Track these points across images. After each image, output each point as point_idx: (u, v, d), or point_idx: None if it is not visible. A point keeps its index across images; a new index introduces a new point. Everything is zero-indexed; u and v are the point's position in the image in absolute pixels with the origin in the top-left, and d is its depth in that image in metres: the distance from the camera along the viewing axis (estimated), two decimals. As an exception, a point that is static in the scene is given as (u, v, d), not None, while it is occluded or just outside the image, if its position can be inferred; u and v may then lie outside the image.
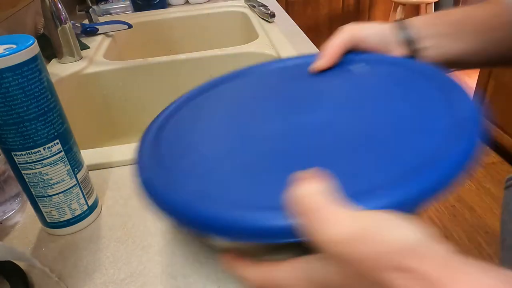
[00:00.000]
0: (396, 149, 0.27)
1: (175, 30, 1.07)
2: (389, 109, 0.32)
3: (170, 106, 0.42)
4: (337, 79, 0.39)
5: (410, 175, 0.23)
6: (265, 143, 0.32)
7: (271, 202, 0.24)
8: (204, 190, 0.27)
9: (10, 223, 0.42)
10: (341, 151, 0.28)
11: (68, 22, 0.76)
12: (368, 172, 0.25)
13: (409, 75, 0.35)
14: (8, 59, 0.30)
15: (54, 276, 0.34)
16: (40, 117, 0.33)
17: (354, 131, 0.30)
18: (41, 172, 0.35)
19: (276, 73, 0.44)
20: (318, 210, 0.21)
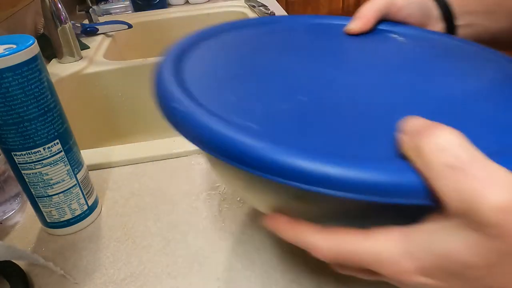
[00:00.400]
0: (491, 110, 0.23)
1: (175, 30, 1.07)
2: (455, 80, 0.27)
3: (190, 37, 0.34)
4: (380, 44, 0.35)
5: None
6: (324, 92, 0.26)
7: (376, 153, 0.19)
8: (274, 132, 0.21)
9: (10, 223, 0.42)
10: (433, 111, 0.23)
11: (68, 22, 0.76)
12: (479, 132, 0.20)
13: (461, 51, 0.33)
14: (8, 59, 0.30)
15: (59, 270, 0.34)
16: (40, 117, 0.33)
17: (431, 96, 0.25)
18: (41, 172, 0.35)
19: (311, 29, 0.38)
20: (470, 164, 0.16)
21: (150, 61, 0.78)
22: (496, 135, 0.20)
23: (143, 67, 0.78)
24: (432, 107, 0.24)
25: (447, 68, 0.30)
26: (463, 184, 0.15)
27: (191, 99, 0.23)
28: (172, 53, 0.30)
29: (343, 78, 0.28)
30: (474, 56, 0.32)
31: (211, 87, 0.25)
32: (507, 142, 0.20)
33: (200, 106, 0.22)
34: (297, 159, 0.18)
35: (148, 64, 0.78)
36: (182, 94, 0.23)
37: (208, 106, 0.22)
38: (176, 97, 0.23)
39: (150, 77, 0.27)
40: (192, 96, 0.23)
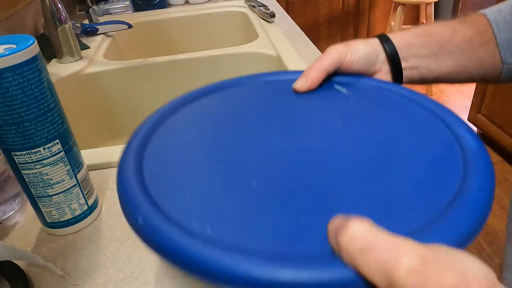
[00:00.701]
0: (416, 181, 0.25)
1: (175, 30, 1.07)
2: (391, 136, 0.30)
3: (145, 122, 0.34)
4: (327, 101, 0.36)
5: (451, 210, 0.22)
6: (266, 172, 0.27)
7: (311, 248, 0.20)
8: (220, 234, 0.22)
9: (10, 223, 0.42)
10: (359, 185, 0.25)
11: (68, 22, 0.76)
12: (400, 209, 0.23)
13: (401, 100, 0.35)
14: (8, 59, 0.30)
15: (58, 270, 0.34)
16: (40, 117, 0.33)
17: (361, 159, 0.28)
18: (41, 172, 0.35)
19: (261, 89, 0.40)
20: (377, 243, 0.18)
21: (150, 61, 0.78)
22: (415, 212, 0.23)
23: (143, 67, 0.78)
24: (370, 183, 0.25)
25: (385, 125, 0.32)
26: (378, 261, 0.17)
27: (149, 204, 0.24)
28: (133, 144, 0.31)
29: (292, 147, 0.30)
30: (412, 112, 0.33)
31: (169, 183, 0.27)
32: (422, 223, 0.22)
33: (157, 211, 0.23)
34: (251, 268, 0.19)
35: (148, 64, 0.78)
36: (142, 200, 0.24)
37: (166, 209, 0.24)
38: (137, 206, 0.24)
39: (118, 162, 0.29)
40: (151, 198, 0.24)
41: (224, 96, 0.39)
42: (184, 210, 0.24)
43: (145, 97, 0.81)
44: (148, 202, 0.24)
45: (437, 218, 0.21)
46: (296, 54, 0.73)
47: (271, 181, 0.26)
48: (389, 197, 0.24)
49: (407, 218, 0.22)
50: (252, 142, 0.30)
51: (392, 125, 0.31)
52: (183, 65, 0.79)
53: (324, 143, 0.30)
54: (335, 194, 0.24)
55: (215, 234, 0.22)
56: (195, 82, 0.80)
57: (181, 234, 0.21)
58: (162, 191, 0.25)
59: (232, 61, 0.78)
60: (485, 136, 1.84)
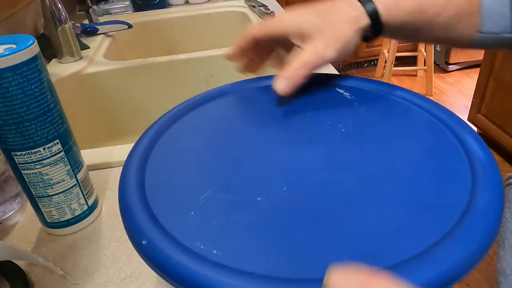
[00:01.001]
0: (422, 198, 0.24)
1: (175, 30, 1.07)
2: (396, 148, 0.29)
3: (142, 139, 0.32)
4: (329, 106, 0.35)
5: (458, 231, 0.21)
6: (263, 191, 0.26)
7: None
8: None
9: (10, 223, 0.42)
10: (364, 203, 0.24)
11: (68, 22, 0.76)
12: (407, 228, 0.22)
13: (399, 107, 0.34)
14: (8, 59, 0.30)
15: (58, 270, 0.34)
16: (40, 117, 0.33)
17: (365, 173, 0.26)
18: (41, 172, 0.35)
19: (262, 94, 0.38)
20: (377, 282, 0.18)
21: (150, 61, 0.78)
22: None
23: (143, 67, 0.78)
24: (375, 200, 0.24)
25: (389, 134, 0.31)
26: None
27: (154, 225, 0.23)
28: (133, 159, 0.30)
29: (297, 160, 0.28)
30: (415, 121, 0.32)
31: (171, 200, 0.26)
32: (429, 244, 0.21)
33: (161, 233, 0.23)
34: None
35: (148, 64, 0.78)
36: (146, 221, 0.23)
37: (170, 229, 0.23)
38: (141, 229, 0.23)
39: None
40: (154, 218, 0.24)
41: (223, 104, 0.37)
42: (188, 231, 0.23)
43: (145, 97, 0.81)
44: (152, 223, 0.23)
45: (444, 239, 0.21)
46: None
47: (276, 199, 0.25)
48: (395, 216, 0.23)
49: (414, 239, 0.21)
50: (254, 155, 0.29)
51: (397, 135, 0.30)
52: (183, 65, 0.79)
53: (327, 155, 0.29)
54: (340, 214, 0.24)
55: (221, 256, 0.21)
56: (195, 82, 0.80)
57: (188, 258, 0.21)
58: (165, 209, 0.25)
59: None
60: (485, 136, 1.84)
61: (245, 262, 0.21)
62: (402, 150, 0.29)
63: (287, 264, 0.21)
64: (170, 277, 0.21)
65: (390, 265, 0.20)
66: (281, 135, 0.31)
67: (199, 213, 0.24)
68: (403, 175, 0.26)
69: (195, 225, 0.23)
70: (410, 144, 0.29)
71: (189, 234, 0.23)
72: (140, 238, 0.22)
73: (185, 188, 0.26)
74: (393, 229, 0.22)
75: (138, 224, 0.23)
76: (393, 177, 0.26)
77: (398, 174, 0.26)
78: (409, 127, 0.31)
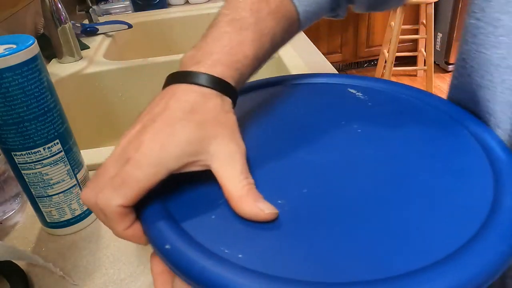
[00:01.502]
0: (444, 201, 0.24)
1: (175, 30, 1.07)
2: (414, 149, 0.28)
3: None
4: (343, 107, 0.34)
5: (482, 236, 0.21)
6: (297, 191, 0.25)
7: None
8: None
9: (10, 223, 0.42)
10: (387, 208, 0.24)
11: (68, 22, 0.76)
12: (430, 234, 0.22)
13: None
14: (8, 59, 0.30)
15: (58, 271, 0.34)
16: (40, 117, 0.33)
17: (386, 177, 0.26)
18: (41, 172, 0.35)
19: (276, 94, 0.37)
20: None
21: (150, 61, 0.78)
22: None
23: (143, 67, 0.78)
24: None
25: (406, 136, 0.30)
26: None
27: (176, 229, 0.23)
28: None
29: (316, 162, 0.28)
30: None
31: (192, 206, 0.25)
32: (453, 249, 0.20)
33: (185, 237, 0.22)
34: None
35: (148, 64, 0.78)
36: (167, 226, 0.23)
37: (192, 234, 0.22)
38: (164, 234, 0.23)
39: None
40: (176, 223, 0.23)
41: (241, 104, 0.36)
42: (211, 235, 0.22)
43: (145, 97, 0.81)
44: (174, 227, 0.23)
45: (468, 244, 0.20)
46: (296, 54, 0.73)
47: (297, 201, 0.24)
48: (420, 217, 0.23)
49: (442, 240, 0.21)
50: (271, 158, 0.28)
51: (413, 135, 0.30)
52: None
53: (345, 156, 0.28)
54: (363, 216, 0.23)
55: (247, 260, 0.21)
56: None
57: (214, 262, 0.20)
58: (186, 213, 0.24)
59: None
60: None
61: (271, 266, 0.20)
62: (420, 150, 0.28)
63: (313, 267, 0.20)
64: (197, 282, 0.20)
65: (418, 268, 0.19)
66: (296, 138, 0.31)
67: (221, 217, 0.24)
68: (423, 176, 0.26)
69: (217, 229, 0.23)
70: (427, 144, 0.29)
71: (212, 238, 0.22)
72: (163, 243, 0.22)
73: (204, 191, 0.26)
74: (419, 231, 0.22)
75: (160, 228, 0.23)
76: (412, 178, 0.25)
77: (417, 174, 0.26)
78: (425, 127, 0.31)
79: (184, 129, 0.24)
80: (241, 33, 0.29)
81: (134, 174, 0.23)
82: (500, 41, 0.27)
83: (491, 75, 0.29)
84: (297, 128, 0.32)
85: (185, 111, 0.24)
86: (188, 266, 0.21)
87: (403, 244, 0.21)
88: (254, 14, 0.30)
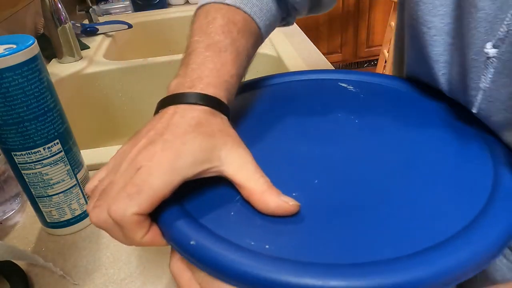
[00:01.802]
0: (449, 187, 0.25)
1: (175, 30, 1.07)
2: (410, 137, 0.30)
3: None
4: (338, 101, 0.35)
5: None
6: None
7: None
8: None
9: (10, 223, 0.42)
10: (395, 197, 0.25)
11: (68, 22, 0.76)
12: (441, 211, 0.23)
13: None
14: (8, 59, 0.30)
15: (58, 270, 0.34)
16: (40, 117, 0.33)
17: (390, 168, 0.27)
18: (41, 172, 0.35)
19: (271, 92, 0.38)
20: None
21: (150, 61, 0.78)
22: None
23: (143, 67, 0.78)
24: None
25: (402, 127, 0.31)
26: None
27: (198, 226, 0.23)
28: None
29: (323, 156, 0.28)
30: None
31: (210, 204, 0.25)
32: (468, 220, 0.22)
33: (208, 233, 0.22)
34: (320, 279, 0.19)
35: (148, 64, 0.78)
36: (188, 224, 0.23)
37: (215, 230, 0.22)
38: (185, 231, 0.23)
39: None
40: (195, 221, 0.23)
41: (242, 101, 0.37)
42: (234, 229, 0.23)
43: (145, 97, 0.81)
44: (195, 224, 0.23)
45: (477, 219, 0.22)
46: (296, 54, 0.73)
47: (311, 192, 0.25)
48: (426, 200, 0.24)
49: (449, 221, 0.22)
50: (278, 153, 0.29)
51: (410, 124, 0.31)
52: (179, 65, 0.79)
53: (348, 147, 0.29)
54: (373, 203, 0.24)
55: (275, 250, 0.21)
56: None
57: (243, 254, 0.21)
58: (204, 211, 0.24)
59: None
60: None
61: (299, 253, 0.21)
62: (417, 137, 0.29)
63: (337, 251, 0.21)
64: (227, 275, 0.21)
65: (427, 247, 0.20)
66: (295, 133, 0.32)
67: (240, 213, 0.24)
68: (424, 161, 0.27)
69: (238, 224, 0.23)
70: (424, 130, 0.30)
71: (235, 233, 0.22)
72: (187, 240, 0.22)
73: (218, 191, 0.26)
74: (427, 213, 0.23)
75: (181, 227, 0.23)
76: (414, 164, 0.27)
77: (418, 161, 0.27)
78: (419, 114, 0.32)
79: (195, 139, 0.24)
80: (222, 55, 0.30)
81: (149, 181, 0.22)
82: (435, 40, 0.31)
83: (432, 70, 0.32)
84: (295, 124, 0.33)
85: (192, 124, 0.25)
86: (217, 260, 0.21)
87: (413, 226, 0.22)
88: (228, 35, 0.32)
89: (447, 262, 0.19)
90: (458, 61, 0.30)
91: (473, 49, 0.27)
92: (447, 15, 0.30)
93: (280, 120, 0.33)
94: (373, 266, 0.19)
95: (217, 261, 0.21)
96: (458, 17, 0.29)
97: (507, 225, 0.21)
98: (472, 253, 0.20)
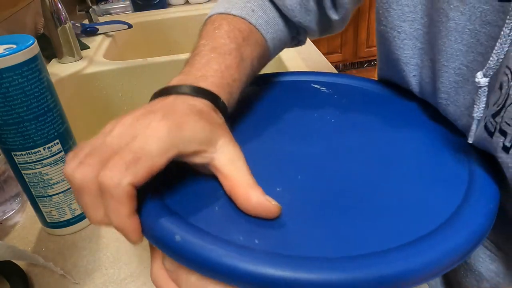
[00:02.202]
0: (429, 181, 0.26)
1: (175, 30, 1.07)
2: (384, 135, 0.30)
3: None
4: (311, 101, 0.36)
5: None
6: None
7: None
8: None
9: (10, 223, 0.42)
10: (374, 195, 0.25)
11: (68, 22, 0.76)
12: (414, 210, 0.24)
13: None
14: (8, 59, 0.30)
15: (58, 270, 0.34)
16: (40, 117, 0.33)
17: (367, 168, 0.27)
18: (41, 172, 0.35)
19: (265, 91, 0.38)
20: None
21: (150, 61, 0.78)
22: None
23: (143, 67, 0.78)
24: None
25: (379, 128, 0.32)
26: None
27: (182, 223, 0.22)
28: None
29: (297, 150, 0.29)
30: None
31: (192, 200, 0.24)
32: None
33: (194, 230, 0.21)
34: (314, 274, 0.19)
35: (148, 64, 0.78)
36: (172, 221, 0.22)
37: (201, 226, 0.22)
38: (170, 227, 0.22)
39: None
40: (180, 217, 0.22)
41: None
42: (221, 225, 0.22)
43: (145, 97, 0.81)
44: (180, 221, 0.22)
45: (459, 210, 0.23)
46: (296, 54, 0.73)
47: (294, 187, 0.25)
48: (409, 193, 0.25)
49: (432, 213, 0.23)
50: (260, 151, 0.29)
51: (383, 122, 0.32)
52: (183, 65, 0.79)
53: (326, 145, 0.30)
54: (355, 196, 0.25)
55: (266, 245, 0.21)
56: (195, 82, 0.80)
57: (232, 248, 0.20)
58: (187, 208, 0.23)
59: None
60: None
61: (288, 247, 0.21)
62: (393, 134, 0.30)
63: (324, 244, 0.21)
64: (215, 271, 0.20)
65: (413, 240, 0.21)
66: (275, 132, 0.32)
67: (224, 208, 0.24)
68: (401, 157, 0.28)
69: (224, 219, 0.23)
70: (398, 128, 0.31)
71: (221, 228, 0.22)
72: (172, 236, 0.21)
73: (199, 186, 0.25)
74: (407, 208, 0.23)
75: (165, 223, 0.22)
76: (392, 159, 0.28)
77: (396, 156, 0.28)
78: (392, 113, 0.33)
79: (197, 120, 0.23)
80: (227, 58, 0.31)
81: (147, 149, 0.21)
82: (405, 43, 0.32)
83: (403, 72, 0.33)
84: (274, 124, 0.33)
85: (193, 110, 0.24)
86: (204, 257, 0.20)
87: (396, 220, 0.23)
88: (233, 40, 0.32)
89: (429, 255, 0.20)
90: (428, 65, 0.31)
91: (444, 55, 0.28)
92: (416, 21, 0.31)
93: (257, 120, 0.34)
94: (360, 259, 0.20)
95: (207, 257, 0.20)
96: (428, 24, 0.30)
97: (485, 215, 0.23)
98: (452, 245, 0.21)
